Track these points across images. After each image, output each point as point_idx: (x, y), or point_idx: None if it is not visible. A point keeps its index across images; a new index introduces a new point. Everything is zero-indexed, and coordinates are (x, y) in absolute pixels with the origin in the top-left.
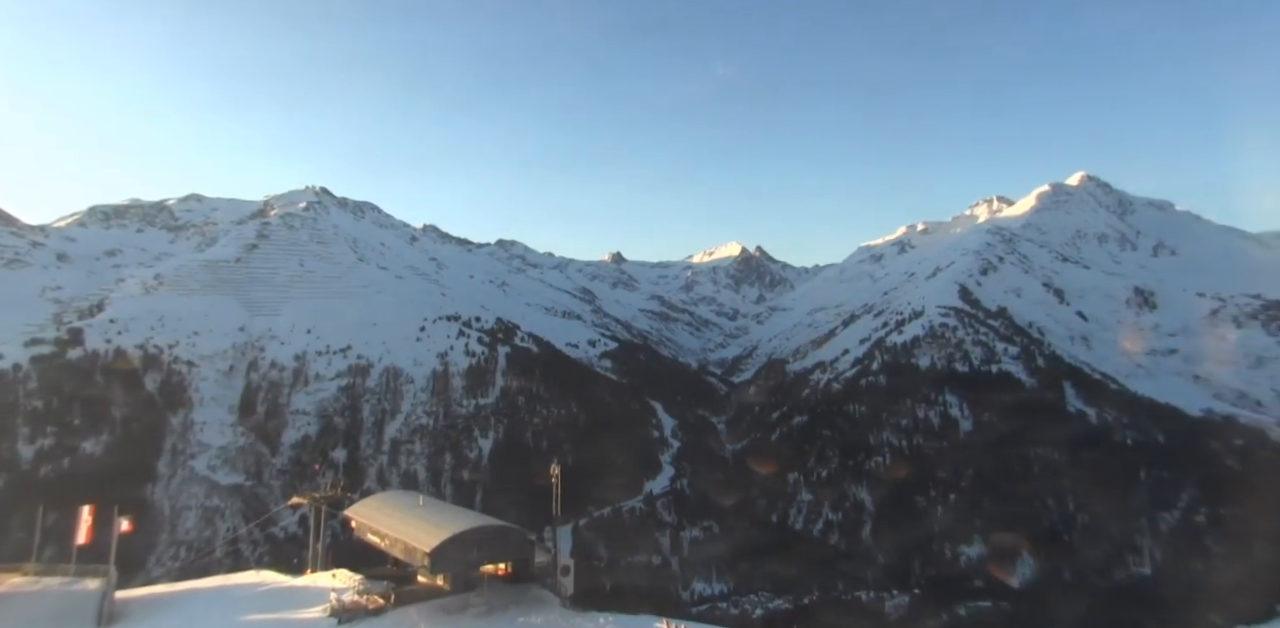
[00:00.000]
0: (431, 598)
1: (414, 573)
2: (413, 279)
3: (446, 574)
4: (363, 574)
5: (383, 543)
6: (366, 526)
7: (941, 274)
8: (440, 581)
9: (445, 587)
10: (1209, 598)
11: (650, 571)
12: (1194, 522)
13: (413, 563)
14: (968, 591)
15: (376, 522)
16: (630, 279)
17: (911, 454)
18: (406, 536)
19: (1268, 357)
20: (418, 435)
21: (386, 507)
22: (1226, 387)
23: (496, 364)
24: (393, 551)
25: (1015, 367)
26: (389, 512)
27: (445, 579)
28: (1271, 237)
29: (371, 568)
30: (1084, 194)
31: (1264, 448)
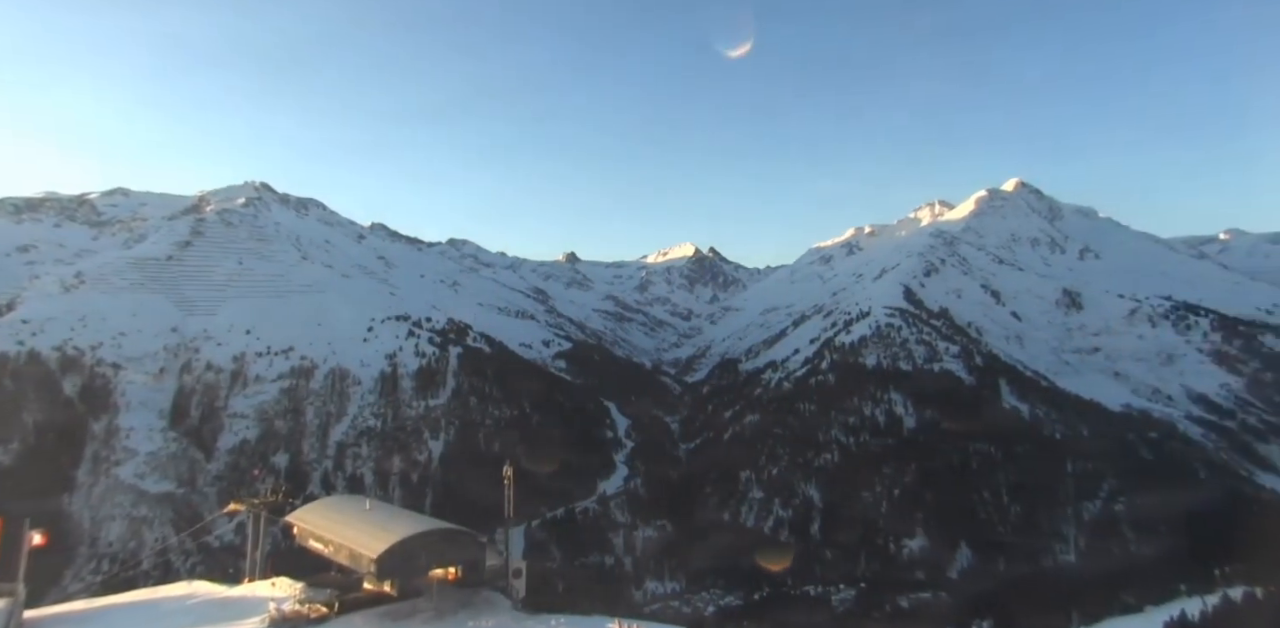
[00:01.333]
0: (378, 605)
1: (359, 580)
2: (360, 278)
3: (394, 580)
4: (304, 582)
5: (327, 550)
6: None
7: (887, 276)
8: (387, 587)
9: (392, 593)
10: (1124, 581)
11: (604, 571)
12: (1113, 510)
13: (358, 570)
14: (910, 583)
15: (320, 528)
16: (585, 279)
17: (858, 451)
18: (352, 541)
19: (1177, 354)
20: (365, 438)
21: (331, 512)
22: (1142, 383)
23: (448, 365)
24: (337, 557)
25: (956, 365)
26: (334, 517)
27: (392, 585)
28: (1180, 242)
29: (314, 576)
30: (1018, 200)
31: (1173, 440)
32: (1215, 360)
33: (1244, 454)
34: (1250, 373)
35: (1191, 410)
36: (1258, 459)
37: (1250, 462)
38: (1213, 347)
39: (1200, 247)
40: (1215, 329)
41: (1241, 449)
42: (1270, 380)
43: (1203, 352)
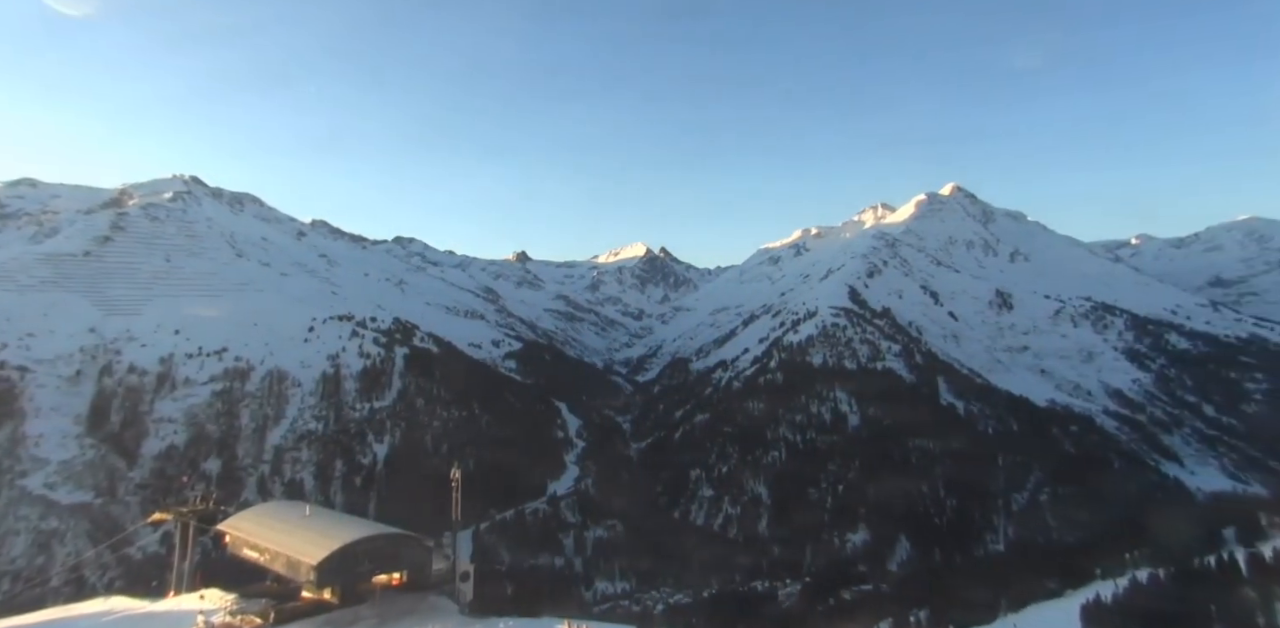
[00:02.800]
0: (318, 614)
1: (298, 589)
2: (300, 277)
3: (334, 587)
4: (237, 593)
5: (262, 558)
6: (243, 540)
7: (833, 276)
8: (328, 594)
9: (333, 601)
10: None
11: (553, 572)
12: (1039, 501)
13: (297, 578)
14: (853, 576)
15: (255, 535)
16: (536, 279)
17: (805, 448)
18: (290, 549)
19: (1095, 352)
20: (305, 442)
21: (267, 519)
22: (1065, 379)
23: (393, 366)
24: (273, 566)
25: (897, 364)
26: (270, 524)
27: (333, 593)
28: (1099, 246)
29: (248, 586)
30: (954, 204)
31: (1092, 433)
32: (1128, 358)
33: (1151, 445)
34: (1157, 369)
35: (1108, 405)
36: (1162, 449)
37: (1156, 452)
38: (1126, 345)
39: (1116, 250)
40: (1128, 328)
41: (1149, 441)
42: (1174, 376)
43: (1117, 349)
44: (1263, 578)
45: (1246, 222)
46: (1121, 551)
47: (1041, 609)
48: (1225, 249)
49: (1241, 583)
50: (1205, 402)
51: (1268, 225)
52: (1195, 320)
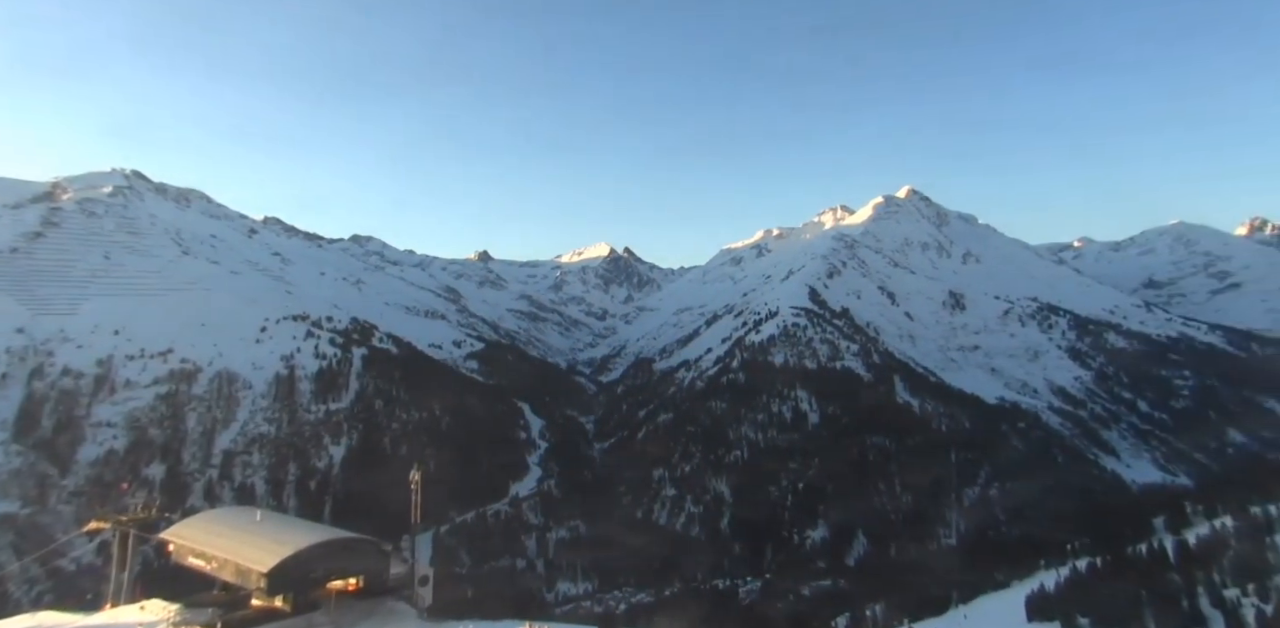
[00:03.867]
0: (268, 622)
1: (247, 597)
2: (252, 275)
3: (287, 595)
4: (181, 603)
5: (209, 566)
6: (188, 548)
7: (794, 277)
8: (279, 602)
9: (285, 608)
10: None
11: (515, 574)
12: (988, 496)
13: (246, 586)
14: (812, 572)
15: (201, 543)
16: (498, 278)
17: (766, 447)
18: (239, 556)
19: (1041, 351)
20: (256, 445)
21: (215, 525)
22: (1013, 377)
23: (351, 366)
24: (221, 574)
25: (856, 363)
26: (218, 531)
27: (285, 600)
28: (1044, 248)
29: (194, 596)
30: (910, 206)
31: (1038, 429)
32: (1070, 356)
33: (1091, 440)
34: (1097, 367)
35: (1052, 402)
36: (1101, 444)
37: (1096, 446)
38: (1069, 344)
39: (1059, 253)
40: (1071, 328)
41: (1090, 436)
42: (1112, 374)
43: (1061, 348)
44: (1187, 564)
45: (1175, 226)
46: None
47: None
48: (1157, 252)
49: (1169, 569)
50: (1139, 398)
51: (1193, 230)
52: (1131, 320)
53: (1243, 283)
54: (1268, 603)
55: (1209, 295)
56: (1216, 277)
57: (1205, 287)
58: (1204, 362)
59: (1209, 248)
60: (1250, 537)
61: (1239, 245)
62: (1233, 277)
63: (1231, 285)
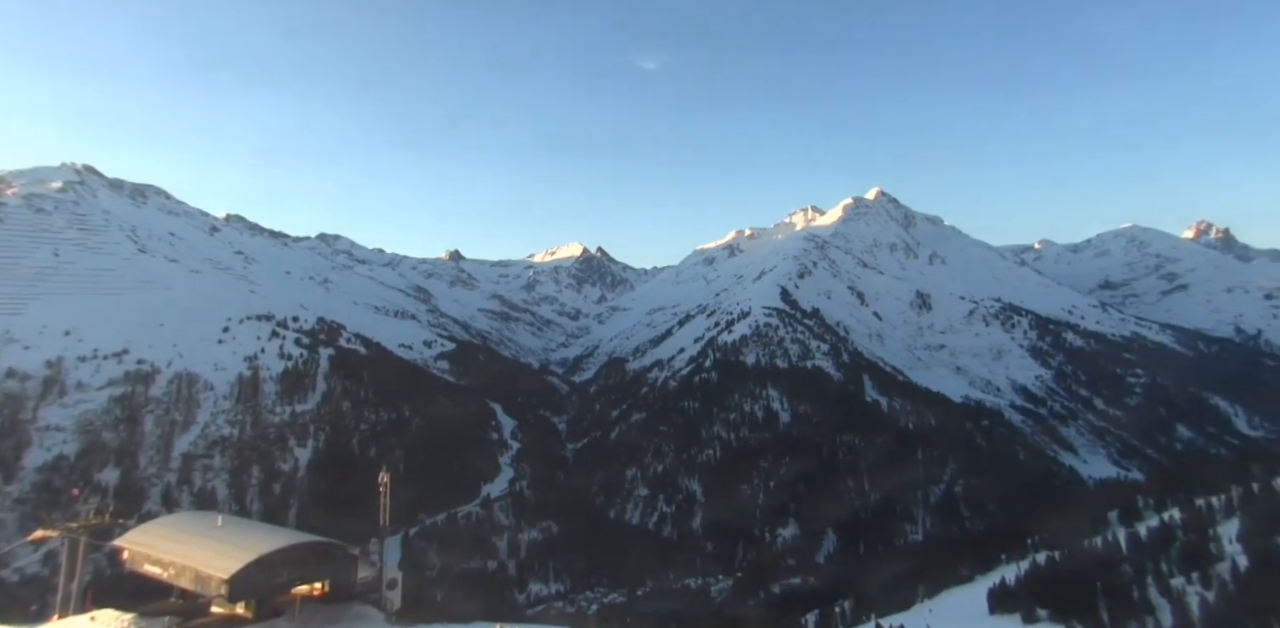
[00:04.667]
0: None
1: (206, 604)
2: (213, 274)
3: (249, 601)
4: (135, 612)
5: (166, 574)
6: (144, 555)
7: (765, 277)
8: (241, 609)
9: (247, 615)
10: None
11: (486, 576)
12: (954, 492)
13: (205, 593)
14: (782, 570)
15: (158, 549)
16: (469, 278)
17: (738, 446)
18: (198, 562)
19: (1004, 350)
20: (218, 448)
21: (172, 531)
22: (978, 376)
23: (318, 367)
24: (179, 581)
25: (826, 362)
26: (176, 537)
27: (248, 607)
28: (1007, 250)
29: (149, 604)
30: (879, 208)
31: (1001, 427)
32: (1032, 355)
33: (1051, 437)
34: (1057, 366)
35: (1014, 400)
36: (1060, 440)
37: (1055, 443)
38: (1030, 343)
39: (1021, 254)
40: (1032, 327)
41: (1049, 432)
42: (1070, 372)
43: (1023, 347)
44: (1138, 555)
45: (1129, 229)
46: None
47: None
48: (1112, 254)
49: (1122, 561)
50: (1096, 396)
51: (1145, 233)
52: (1088, 320)
53: (1190, 284)
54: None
55: (1160, 296)
56: (1166, 278)
57: (1156, 288)
58: (1155, 360)
59: (1159, 250)
60: (1195, 528)
61: (1186, 248)
62: (1181, 278)
63: (1180, 287)
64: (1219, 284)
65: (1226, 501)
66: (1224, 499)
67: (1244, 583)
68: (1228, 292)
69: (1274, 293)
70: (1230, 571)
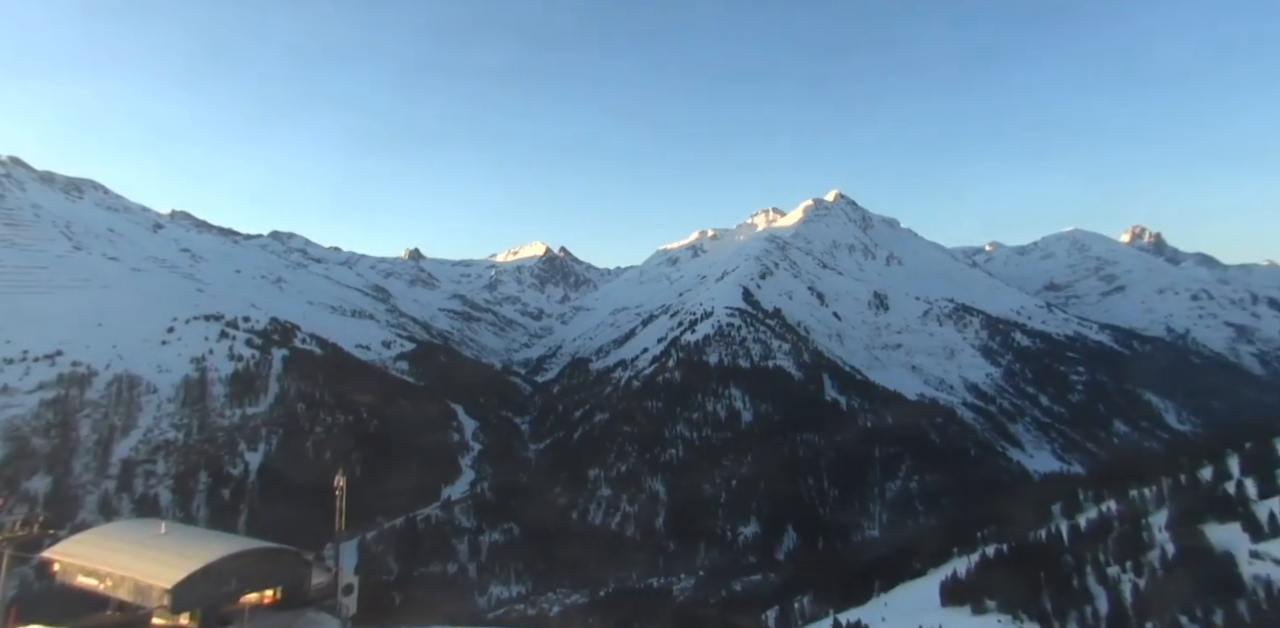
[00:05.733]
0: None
1: (147, 616)
2: (157, 272)
3: (194, 612)
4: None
5: (102, 585)
6: (78, 566)
7: (728, 278)
8: (185, 620)
9: (192, 626)
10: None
11: (446, 579)
12: (909, 488)
13: (146, 605)
14: (743, 567)
15: (94, 560)
16: (430, 277)
17: (701, 445)
18: (138, 572)
19: (957, 349)
20: (161, 453)
21: (110, 541)
22: (932, 374)
23: (270, 368)
24: (116, 593)
25: (787, 362)
26: (114, 546)
27: (193, 617)
28: (959, 252)
29: (82, 618)
30: (838, 210)
31: (953, 424)
32: (983, 354)
33: (1000, 433)
34: (1005, 364)
35: (966, 398)
36: (1009, 437)
37: (1004, 439)
38: (981, 342)
39: (973, 256)
40: (983, 327)
41: (998, 429)
42: (1018, 371)
43: (974, 347)
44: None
45: (1071, 233)
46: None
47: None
48: (1056, 257)
49: (1063, 551)
50: (1041, 393)
51: (1086, 236)
52: (1034, 320)
53: (1126, 286)
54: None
55: (1100, 297)
56: (1105, 280)
57: (1096, 289)
58: (1095, 359)
59: (1099, 253)
60: (1129, 519)
61: (1123, 252)
62: (1119, 280)
63: (1118, 288)
64: (1152, 286)
65: (1157, 492)
66: (1155, 490)
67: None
68: (1159, 293)
69: (1199, 294)
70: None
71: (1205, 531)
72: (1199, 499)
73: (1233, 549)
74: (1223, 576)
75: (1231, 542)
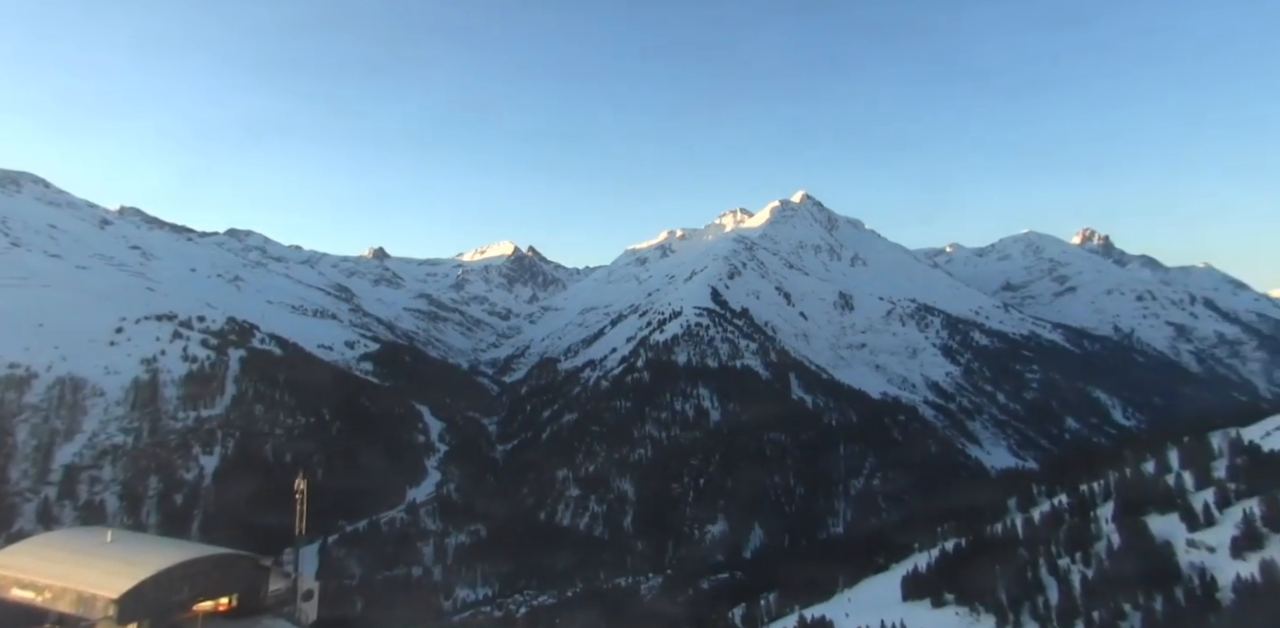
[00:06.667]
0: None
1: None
2: (104, 271)
3: (142, 622)
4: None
5: (40, 598)
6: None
7: (696, 278)
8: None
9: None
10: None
11: (410, 583)
12: (873, 485)
13: (90, 617)
14: (711, 566)
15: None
16: (395, 276)
17: (669, 445)
18: (82, 582)
19: (919, 348)
20: (109, 458)
21: (50, 550)
22: (895, 373)
23: (227, 370)
24: (57, 605)
25: (755, 361)
26: (55, 556)
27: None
28: (921, 253)
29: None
30: (804, 211)
31: (916, 422)
32: (943, 353)
33: (959, 430)
34: (965, 363)
35: (927, 396)
36: (968, 434)
37: (963, 436)
38: (942, 341)
39: (934, 257)
40: (944, 327)
41: (958, 426)
42: (977, 369)
43: (936, 346)
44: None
45: (1026, 235)
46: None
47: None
48: (1013, 258)
49: (1018, 544)
50: (998, 391)
51: (1041, 239)
52: (992, 320)
53: (1077, 287)
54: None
55: (1053, 297)
56: (1058, 280)
57: (1050, 290)
58: (1048, 357)
59: (1052, 255)
60: (1079, 511)
61: (1074, 253)
62: (1070, 281)
63: (1069, 289)
64: (1100, 287)
65: (1105, 485)
66: (1103, 484)
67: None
68: (1107, 294)
69: (1144, 295)
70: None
71: (1147, 522)
72: (1142, 492)
73: (1171, 539)
74: (1161, 564)
75: (1170, 532)
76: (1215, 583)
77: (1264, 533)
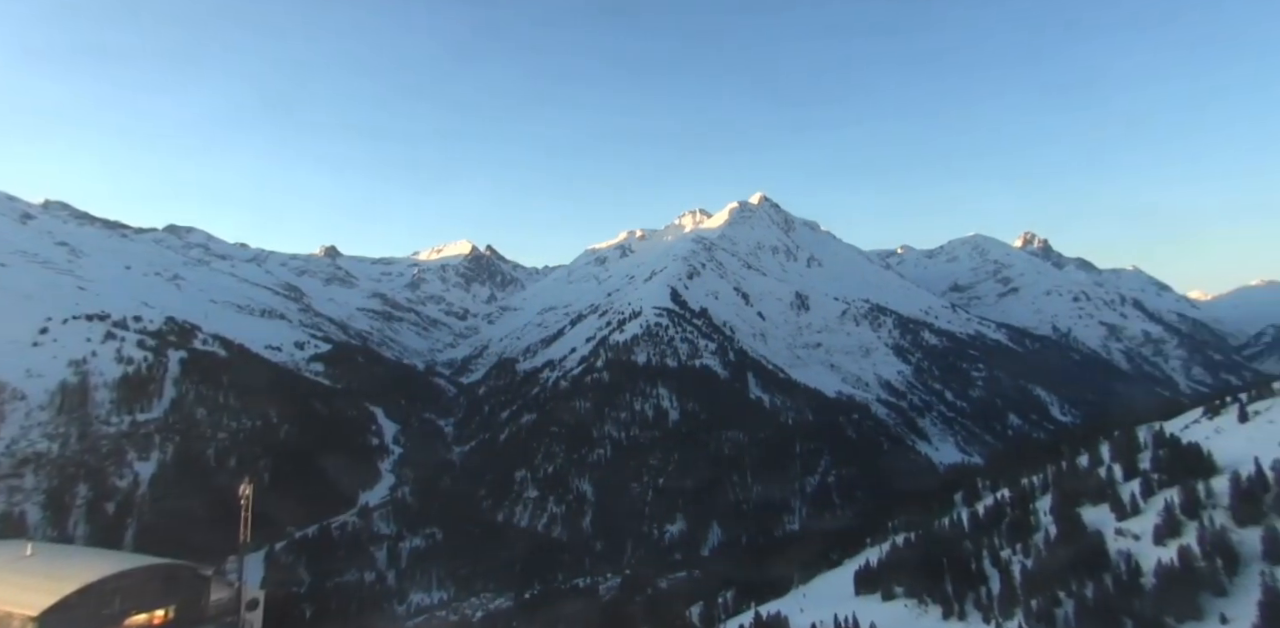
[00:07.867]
0: None
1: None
2: (26, 268)
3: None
4: None
5: None
6: None
7: (656, 278)
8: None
9: None
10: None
11: (363, 588)
12: (828, 483)
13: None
14: (669, 564)
15: None
16: (347, 275)
17: (629, 444)
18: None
19: (872, 348)
20: (30, 466)
21: None
22: (849, 372)
23: (165, 372)
24: None
25: (713, 361)
26: None
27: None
28: (874, 254)
29: None
30: (762, 212)
31: (868, 419)
32: (895, 352)
33: (910, 428)
34: (915, 362)
35: (880, 394)
36: (918, 431)
37: (914, 433)
38: (894, 341)
39: (886, 258)
40: (896, 327)
41: (909, 424)
42: (927, 367)
43: (888, 345)
44: (976, 532)
45: (973, 238)
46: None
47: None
48: (960, 260)
49: (964, 537)
50: (946, 389)
51: (986, 241)
52: (941, 320)
53: (1020, 288)
54: (1029, 558)
55: (997, 298)
56: (1002, 282)
57: (994, 291)
58: (993, 356)
59: (997, 257)
60: (1020, 504)
61: (1017, 256)
62: (1013, 282)
63: (1012, 290)
64: (1040, 288)
65: (1043, 478)
66: (1041, 477)
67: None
68: (1047, 295)
69: (1079, 296)
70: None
71: (1081, 512)
72: (1077, 484)
73: (1102, 528)
74: (1092, 553)
75: (1101, 521)
76: (1140, 569)
77: (1182, 520)
